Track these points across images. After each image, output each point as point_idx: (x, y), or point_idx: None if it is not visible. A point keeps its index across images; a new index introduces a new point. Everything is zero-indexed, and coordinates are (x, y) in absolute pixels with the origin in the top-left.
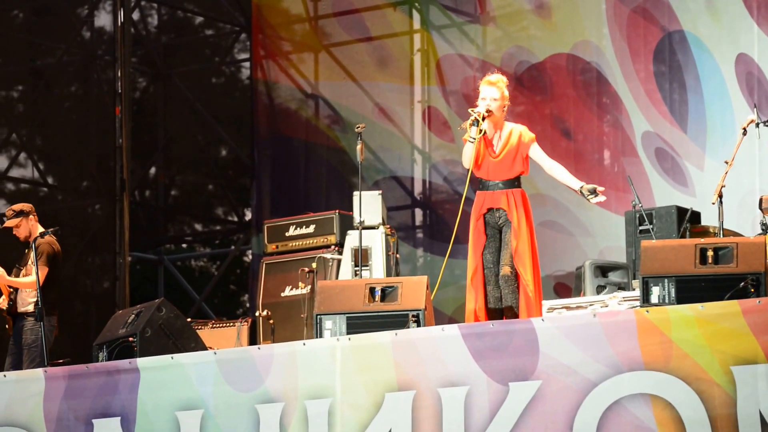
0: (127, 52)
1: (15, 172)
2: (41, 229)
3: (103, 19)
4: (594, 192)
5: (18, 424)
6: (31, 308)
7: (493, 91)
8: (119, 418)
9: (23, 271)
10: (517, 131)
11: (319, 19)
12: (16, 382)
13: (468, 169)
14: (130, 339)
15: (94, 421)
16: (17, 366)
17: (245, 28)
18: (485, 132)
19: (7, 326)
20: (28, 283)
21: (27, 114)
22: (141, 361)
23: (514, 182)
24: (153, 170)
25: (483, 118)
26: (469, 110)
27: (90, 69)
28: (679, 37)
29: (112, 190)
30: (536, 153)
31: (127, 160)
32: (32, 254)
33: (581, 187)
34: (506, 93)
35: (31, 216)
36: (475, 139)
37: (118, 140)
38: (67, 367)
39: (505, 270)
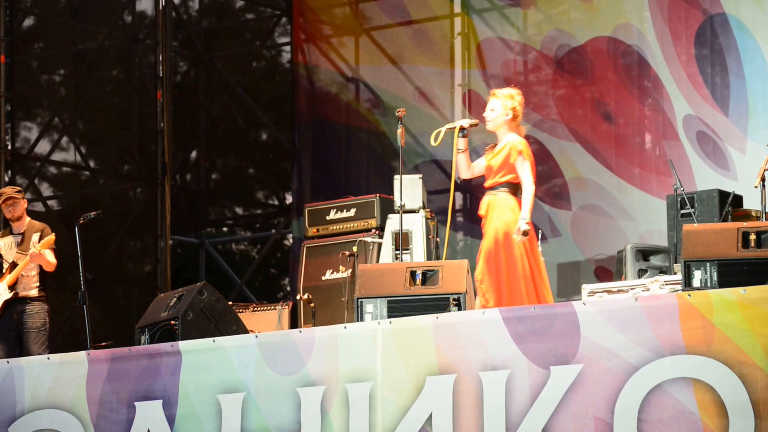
0: (169, 35)
1: (57, 156)
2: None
3: (145, 3)
4: None
5: (61, 407)
6: (35, 293)
7: (491, 102)
8: (161, 401)
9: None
10: (510, 143)
11: (360, 3)
12: (60, 365)
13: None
14: (172, 322)
15: (136, 403)
16: (13, 352)
17: (286, 12)
18: (465, 148)
19: None
20: (54, 264)
21: (69, 98)
22: (183, 344)
23: (499, 187)
24: (194, 154)
25: (461, 129)
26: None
27: (131, 53)
28: (720, 20)
29: (153, 173)
30: (519, 170)
31: (169, 143)
32: (34, 236)
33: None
34: (510, 104)
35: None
36: (459, 150)
37: (159, 124)
38: (110, 350)
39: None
